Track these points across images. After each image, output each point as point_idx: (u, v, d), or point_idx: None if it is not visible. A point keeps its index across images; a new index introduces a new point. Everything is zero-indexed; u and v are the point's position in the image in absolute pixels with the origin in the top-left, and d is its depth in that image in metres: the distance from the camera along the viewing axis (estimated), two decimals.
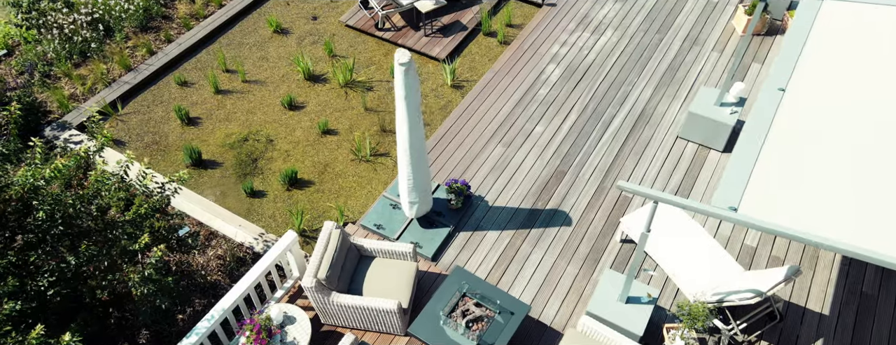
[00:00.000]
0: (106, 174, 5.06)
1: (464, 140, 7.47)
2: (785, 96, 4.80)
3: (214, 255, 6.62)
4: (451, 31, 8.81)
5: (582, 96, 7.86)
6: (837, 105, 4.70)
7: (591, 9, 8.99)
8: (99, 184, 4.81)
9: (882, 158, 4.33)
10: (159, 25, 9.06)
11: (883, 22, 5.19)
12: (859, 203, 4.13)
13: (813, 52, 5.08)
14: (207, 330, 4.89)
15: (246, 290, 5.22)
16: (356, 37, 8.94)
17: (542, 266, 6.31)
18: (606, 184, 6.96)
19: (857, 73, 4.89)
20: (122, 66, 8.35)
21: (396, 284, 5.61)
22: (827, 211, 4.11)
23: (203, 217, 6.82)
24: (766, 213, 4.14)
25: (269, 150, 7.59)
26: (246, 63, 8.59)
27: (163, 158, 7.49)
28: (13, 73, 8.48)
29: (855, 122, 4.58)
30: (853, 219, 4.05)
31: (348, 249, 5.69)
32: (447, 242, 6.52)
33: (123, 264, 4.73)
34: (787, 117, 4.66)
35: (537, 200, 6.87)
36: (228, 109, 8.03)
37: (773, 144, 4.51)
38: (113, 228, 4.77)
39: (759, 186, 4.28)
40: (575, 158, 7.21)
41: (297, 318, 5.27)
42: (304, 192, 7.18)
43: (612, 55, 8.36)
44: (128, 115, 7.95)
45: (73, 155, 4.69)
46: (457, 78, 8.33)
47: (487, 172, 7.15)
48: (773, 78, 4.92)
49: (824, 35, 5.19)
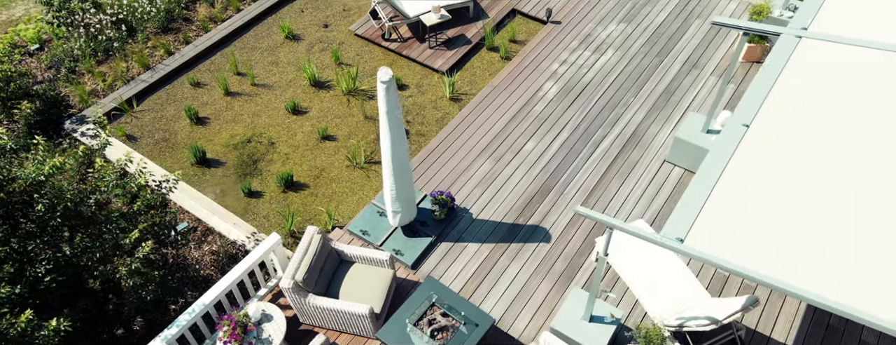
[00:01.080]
0: (104, 171, 5.45)
1: (456, 152, 7.71)
2: (748, 132, 4.93)
3: (209, 250, 7.00)
4: (455, 44, 9.06)
5: (575, 115, 8.03)
6: (799, 144, 4.81)
7: (595, 28, 9.14)
8: (96, 180, 5.19)
9: (836, 201, 4.44)
10: (180, 27, 9.52)
11: (858, 63, 5.27)
12: (805, 243, 4.25)
13: (783, 90, 5.19)
14: (188, 323, 5.24)
15: (228, 287, 5.56)
16: (364, 46, 9.26)
17: (517, 280, 6.52)
18: (589, 203, 7.13)
19: (825, 113, 4.99)
20: (141, 65, 8.82)
21: (372, 289, 5.89)
22: (772, 248, 4.25)
23: (201, 214, 7.20)
24: (711, 245, 4.29)
25: (270, 152, 7.95)
26: (256, 67, 8.98)
27: (170, 155, 7.91)
28: (43, 66, 9.02)
29: (815, 162, 4.68)
30: (796, 257, 4.18)
31: (328, 254, 6.00)
32: (428, 251, 6.78)
33: (114, 256, 5.10)
34: (746, 153, 4.80)
35: (520, 215, 7.08)
36: (236, 110, 8.43)
37: (728, 179, 4.65)
38: (107, 223, 5.16)
39: (709, 220, 4.44)
40: (561, 177, 7.39)
41: (274, 316, 5.60)
42: (298, 194, 7.52)
43: (610, 75, 8.51)
44: (142, 112, 8.41)
45: (71, 154, 5.08)
46: (456, 91, 8.58)
47: (475, 185, 7.38)
48: (738, 113, 5.05)
49: (797, 73, 5.29)
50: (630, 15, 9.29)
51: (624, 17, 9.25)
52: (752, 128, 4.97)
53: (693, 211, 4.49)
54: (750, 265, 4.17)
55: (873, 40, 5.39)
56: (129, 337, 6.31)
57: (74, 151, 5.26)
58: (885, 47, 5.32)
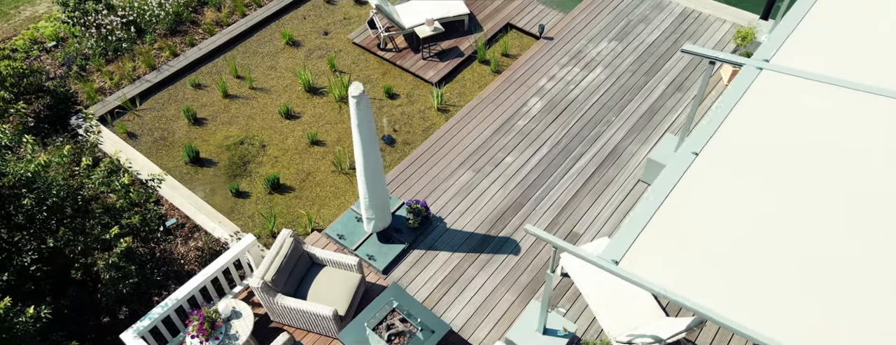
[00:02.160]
0: (95, 170, 5.82)
1: (437, 162, 7.97)
2: (697, 160, 5.09)
3: (194, 246, 7.36)
4: (447, 56, 9.31)
5: (557, 131, 8.23)
6: (746, 176, 4.96)
7: (587, 45, 9.31)
8: (83, 177, 5.57)
9: (777, 234, 4.59)
10: (187, 29, 9.94)
11: (815, 98, 5.39)
12: (742, 273, 4.41)
13: (737, 120, 5.34)
14: (160, 316, 5.59)
15: (200, 284, 5.90)
16: (360, 54, 9.57)
17: (482, 290, 6.76)
18: (560, 219, 7.33)
19: (775, 146, 5.12)
20: (147, 66, 9.24)
21: (338, 292, 6.18)
22: (708, 276, 4.42)
23: (189, 211, 7.57)
24: (645, 269, 4.48)
25: (261, 154, 8.30)
26: (256, 71, 9.35)
27: (166, 153, 8.31)
28: (57, 63, 9.51)
29: (760, 194, 4.83)
30: (731, 287, 4.35)
31: (300, 256, 6.30)
32: (400, 257, 7.04)
33: (95, 250, 5.47)
34: (692, 181, 4.97)
35: (492, 227, 7.30)
36: (232, 112, 8.80)
37: (671, 206, 4.83)
38: (90, 218, 5.53)
39: (647, 244, 4.62)
40: (536, 191, 7.60)
41: (243, 313, 5.92)
42: (284, 196, 7.85)
43: (595, 93, 8.68)
44: (144, 110, 8.82)
45: (55, 153, 5.45)
46: (445, 102, 8.84)
47: (453, 195, 7.63)
48: (690, 141, 5.22)
49: (753, 104, 5.44)
50: (623, 33, 9.45)
51: (616, 36, 9.41)
52: (701, 156, 5.14)
53: (632, 235, 4.68)
54: (682, 291, 4.35)
55: (832, 76, 5.51)
56: (113, 325, 6.70)
57: (60, 150, 5.63)
58: (843, 84, 5.43)
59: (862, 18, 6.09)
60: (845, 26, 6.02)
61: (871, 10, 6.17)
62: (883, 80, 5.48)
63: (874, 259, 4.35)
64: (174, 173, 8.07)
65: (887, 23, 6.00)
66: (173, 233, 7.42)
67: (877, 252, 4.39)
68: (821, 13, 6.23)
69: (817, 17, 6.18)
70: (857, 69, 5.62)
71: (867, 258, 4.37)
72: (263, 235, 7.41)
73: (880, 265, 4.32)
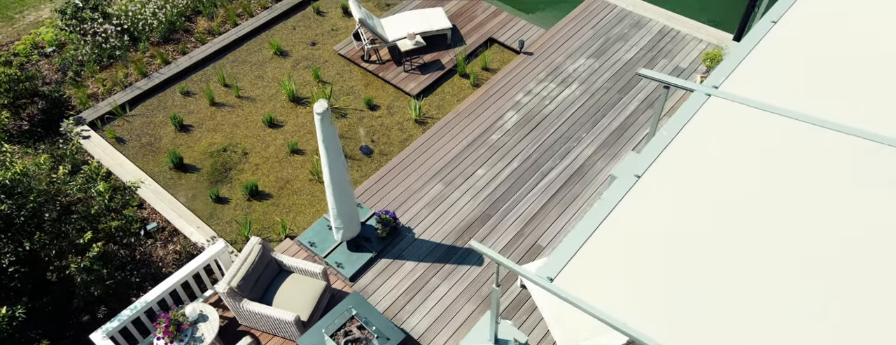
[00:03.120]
0: (78, 176, 6.15)
1: (411, 174, 8.23)
2: (638, 183, 5.31)
3: (173, 250, 7.68)
4: (429, 69, 9.58)
5: (529, 146, 8.46)
6: (684, 201, 5.16)
7: (565, 61, 9.53)
8: (60, 184, 5.89)
9: (710, 258, 4.78)
10: (180, 38, 10.28)
11: (759, 127, 5.57)
12: (672, 296, 4.62)
13: (681, 145, 5.55)
14: (128, 318, 5.90)
15: (170, 288, 6.20)
16: (345, 66, 9.85)
17: (444, 300, 7.01)
18: (525, 232, 7.56)
19: (715, 173, 5.32)
20: (138, 73, 9.59)
21: (303, 298, 6.46)
22: (639, 298, 4.63)
23: (170, 215, 7.89)
24: (578, 288, 4.71)
25: (242, 162, 8.61)
26: (243, 80, 9.66)
27: (152, 159, 8.64)
28: (54, 68, 9.89)
29: (696, 220, 5.03)
30: (658, 309, 4.56)
31: (268, 263, 6.59)
32: (368, 266, 7.31)
33: (69, 254, 5.79)
34: (632, 204, 5.18)
35: (458, 238, 7.55)
36: (218, 120, 9.12)
37: (609, 227, 5.05)
38: (67, 223, 5.85)
39: (582, 264, 4.85)
40: (504, 205, 7.84)
41: (210, 317, 6.21)
42: (262, 203, 8.15)
43: (570, 109, 8.90)
44: (133, 116, 9.17)
45: (33, 160, 5.78)
46: (423, 114, 9.10)
47: (423, 206, 7.88)
48: (633, 164, 5.44)
49: (699, 130, 5.64)
50: (601, 50, 9.66)
51: (594, 52, 9.62)
52: (643, 179, 5.35)
53: (568, 253, 4.90)
54: (611, 312, 4.57)
55: (779, 106, 5.68)
56: (92, 324, 7.02)
57: (37, 158, 5.96)
58: (789, 115, 5.59)
59: (816, 50, 6.25)
60: (798, 57, 6.19)
61: (827, 42, 6.33)
62: (830, 114, 5.62)
63: (808, 287, 4.53)
64: (158, 178, 8.39)
65: (841, 56, 6.16)
66: (154, 236, 7.74)
67: (811, 280, 4.57)
68: (775, 42, 6.41)
69: (771, 45, 6.37)
70: (806, 101, 5.78)
71: (802, 287, 4.55)
72: (239, 241, 7.71)
73: (814, 293, 4.50)
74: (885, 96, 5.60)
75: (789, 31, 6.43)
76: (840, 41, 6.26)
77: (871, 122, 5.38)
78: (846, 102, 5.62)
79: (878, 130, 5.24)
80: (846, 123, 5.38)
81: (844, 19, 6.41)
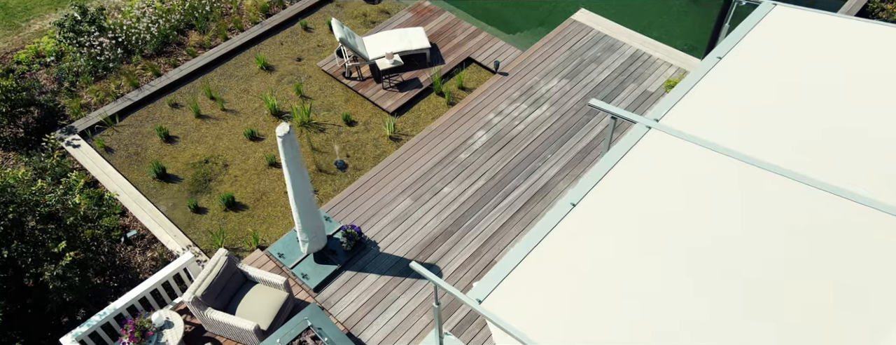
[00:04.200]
0: (58, 188, 6.57)
1: (381, 189, 8.59)
2: (573, 211, 5.62)
3: (151, 257, 8.09)
4: (407, 87, 9.93)
5: (495, 165, 8.78)
6: (618, 230, 5.46)
7: (538, 82, 9.85)
8: (39, 195, 6.31)
9: (637, 289, 5.05)
10: (172, 51, 10.73)
11: (696, 162, 5.84)
12: (597, 324, 4.90)
13: (618, 175, 5.84)
14: (98, 323, 6.30)
15: (139, 295, 6.60)
16: (328, 81, 10.24)
17: (401, 312, 7.35)
18: (484, 249, 7.88)
19: (650, 204, 5.61)
20: (130, 85, 10.05)
21: (264, 308, 6.83)
22: (562, 323, 4.93)
23: (150, 224, 8.31)
24: (506, 311, 5.03)
25: (222, 173, 9.02)
26: (229, 93, 10.08)
27: (137, 168, 9.07)
28: (51, 78, 10.37)
29: (628, 249, 5.30)
30: (581, 336, 4.86)
31: (233, 274, 6.97)
32: (332, 277, 7.68)
33: (44, 261, 6.21)
34: (566, 231, 5.49)
35: (421, 253, 7.89)
36: (202, 132, 9.54)
37: (541, 252, 5.36)
38: (44, 233, 6.27)
39: (511, 287, 5.17)
40: (466, 222, 8.17)
41: (175, 324, 6.61)
42: (238, 214, 8.54)
43: (538, 129, 9.21)
44: (122, 127, 9.62)
45: (11, 174, 6.20)
46: (398, 131, 9.45)
47: (390, 221, 8.23)
48: (571, 192, 5.75)
49: (636, 161, 5.93)
50: (574, 71, 9.96)
51: (567, 74, 9.93)
52: (579, 207, 5.66)
53: (499, 277, 5.23)
54: (534, 336, 4.88)
55: (716, 143, 5.91)
56: (71, 325, 7.44)
57: (16, 172, 6.38)
58: (725, 152, 5.82)
59: (757, 87, 6.51)
60: (738, 93, 6.45)
61: (768, 79, 6.57)
62: (760, 151, 5.85)
63: (731, 312, 4.77)
64: (142, 187, 8.83)
65: (780, 94, 6.40)
66: (133, 243, 8.17)
67: (732, 305, 4.82)
68: (718, 77, 6.68)
69: (715, 80, 6.64)
70: (740, 137, 6.02)
71: (724, 312, 4.80)
72: (213, 250, 8.10)
73: (736, 319, 4.74)
74: (813, 136, 5.85)
75: (734, 67, 6.71)
76: (782, 79, 6.52)
77: (796, 162, 5.63)
78: (777, 141, 5.88)
79: (802, 170, 5.50)
80: (772, 161, 5.64)
81: (789, 57, 6.67)
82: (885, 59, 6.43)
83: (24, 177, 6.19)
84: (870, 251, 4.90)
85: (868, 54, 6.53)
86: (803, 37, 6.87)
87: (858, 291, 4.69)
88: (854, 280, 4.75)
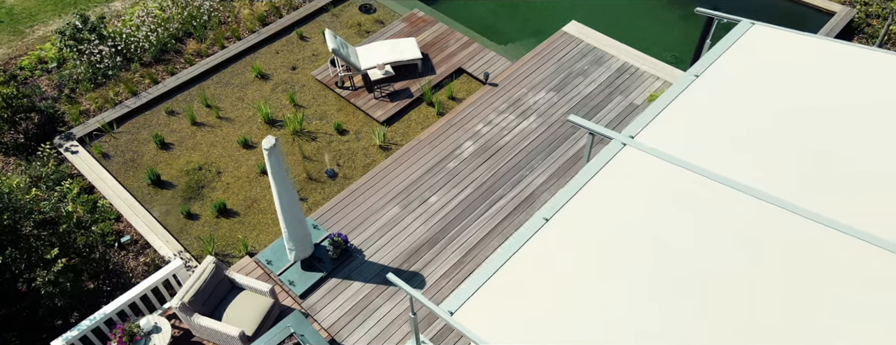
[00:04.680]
0: (54, 196, 6.80)
1: (369, 198, 8.78)
2: (546, 225, 5.79)
3: (143, 261, 8.31)
4: (398, 97, 10.13)
5: (482, 175, 8.96)
6: (590, 246, 5.61)
7: (527, 94, 10.02)
8: (33, 204, 6.54)
9: (607, 304, 5.20)
10: (170, 59, 10.96)
11: (668, 180, 5.98)
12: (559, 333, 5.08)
13: (592, 191, 6.01)
14: (89, 327, 6.52)
15: (128, 301, 6.81)
16: (321, 90, 10.45)
17: (384, 320, 7.53)
18: (466, 259, 8.06)
19: (622, 220, 5.76)
20: (128, 92, 10.28)
21: (249, 314, 7.03)
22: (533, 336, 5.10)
23: (143, 229, 8.53)
24: (475, 323, 5.21)
25: (215, 180, 9.23)
26: (225, 101, 10.31)
27: (133, 174, 9.30)
28: (53, 84, 10.62)
29: (600, 266, 5.45)
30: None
31: (220, 281, 7.18)
32: (318, 284, 7.87)
33: (37, 267, 6.43)
34: (538, 245, 5.66)
35: (405, 261, 8.08)
36: (197, 139, 9.76)
37: (513, 266, 5.53)
38: (38, 239, 6.49)
39: (483, 300, 5.35)
40: (451, 231, 8.35)
41: (163, 329, 6.82)
42: (229, 221, 8.75)
43: (525, 140, 9.38)
44: (120, 133, 9.85)
45: (6, 185, 6.43)
46: (388, 141, 9.65)
47: (377, 229, 8.42)
48: (545, 208, 5.91)
49: (610, 178, 6.09)
50: (562, 84, 10.13)
51: (555, 86, 10.10)
52: (552, 222, 5.83)
53: (471, 289, 5.41)
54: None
55: (688, 162, 6.05)
56: (64, 327, 7.67)
57: (10, 180, 6.60)
58: (696, 170, 5.96)
59: (733, 106, 6.63)
60: (714, 112, 6.57)
61: (744, 100, 6.68)
62: (733, 172, 5.95)
63: (692, 331, 4.92)
64: (136, 193, 9.05)
65: (752, 115, 6.52)
66: (127, 248, 8.39)
67: (694, 324, 4.97)
68: (694, 96, 6.82)
69: (690, 99, 6.78)
70: (714, 157, 6.13)
71: (686, 331, 4.95)
72: (203, 256, 8.31)
73: (697, 337, 4.89)
74: (781, 156, 5.99)
75: (708, 86, 6.86)
76: (753, 99, 6.65)
77: (761, 179, 5.78)
78: (745, 160, 6.02)
79: (767, 189, 5.65)
80: (739, 179, 5.78)
81: (762, 77, 6.82)
82: (857, 81, 6.57)
83: (20, 185, 6.41)
84: (826, 270, 5.05)
85: (840, 77, 6.67)
86: (778, 57, 7.02)
87: (811, 308, 4.84)
88: (807, 297, 4.91)
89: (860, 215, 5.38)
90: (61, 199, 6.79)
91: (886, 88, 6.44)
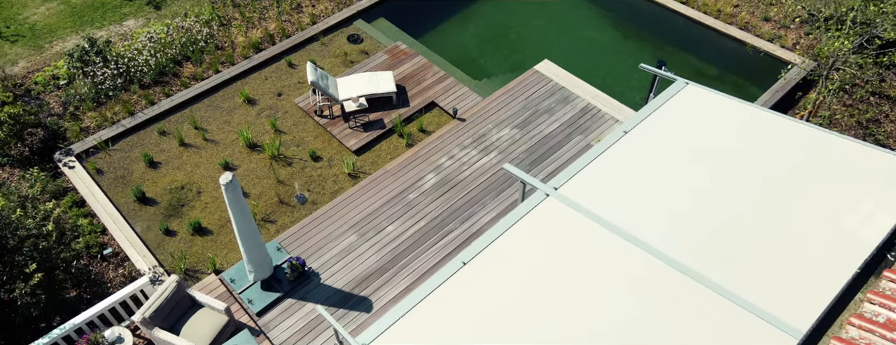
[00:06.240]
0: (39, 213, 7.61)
1: (332, 224, 9.45)
2: (464, 268, 6.38)
3: (122, 273, 9.10)
4: (372, 127, 10.80)
5: (437, 207, 9.57)
6: (503, 290, 6.16)
7: (491, 130, 10.61)
8: (19, 219, 7.35)
9: (505, 343, 5.77)
10: (168, 81, 11.81)
11: (577, 232, 6.50)
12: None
13: (512, 237, 6.57)
14: (58, 336, 7.30)
15: (97, 312, 7.58)
16: (302, 117, 11.18)
17: (333, 339, 8.18)
18: (414, 287, 8.67)
19: (535, 267, 6.31)
20: (126, 112, 11.14)
21: (205, 330, 7.75)
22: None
23: (124, 243, 9.33)
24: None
25: (195, 199, 10.01)
26: (212, 123, 11.09)
27: (122, 191, 10.13)
28: (60, 101, 11.54)
29: (511, 308, 5.98)
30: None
31: (182, 298, 7.91)
32: (275, 304, 8.56)
33: (17, 279, 7.23)
34: (454, 287, 6.25)
35: (357, 286, 8.73)
36: (183, 159, 10.56)
37: (429, 304, 6.13)
38: (20, 254, 7.29)
39: (397, 335, 5.96)
40: (403, 260, 8.97)
41: (126, 339, 7.57)
42: (203, 239, 9.51)
43: (483, 175, 9.97)
44: (114, 151, 10.70)
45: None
46: (357, 169, 10.32)
47: (335, 254, 9.09)
48: (465, 252, 6.50)
49: (529, 226, 6.65)
50: (526, 121, 10.69)
51: (519, 124, 10.66)
52: (469, 265, 6.41)
53: (388, 323, 6.02)
54: None
55: (603, 217, 6.55)
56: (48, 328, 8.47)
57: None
58: (610, 227, 6.46)
59: (654, 164, 7.10)
60: (636, 168, 7.08)
61: (665, 158, 7.15)
62: (641, 229, 6.44)
63: None
64: (123, 208, 9.87)
65: (673, 172, 7.00)
66: (108, 260, 9.19)
67: None
68: (622, 150, 7.34)
69: (617, 153, 7.30)
70: (627, 212, 6.60)
71: None
72: (175, 272, 9.07)
73: None
74: (690, 218, 6.47)
75: (635, 142, 7.37)
76: (673, 158, 7.14)
77: (664, 238, 6.27)
78: (655, 218, 6.51)
79: (668, 251, 6.13)
80: (645, 238, 6.27)
81: (686, 136, 7.30)
82: (768, 150, 7.01)
83: (8, 204, 7.23)
84: (704, 332, 5.55)
85: (754, 143, 7.12)
86: (704, 118, 7.50)
87: None
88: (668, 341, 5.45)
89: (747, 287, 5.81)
90: (45, 218, 7.60)
91: (794, 159, 6.87)
